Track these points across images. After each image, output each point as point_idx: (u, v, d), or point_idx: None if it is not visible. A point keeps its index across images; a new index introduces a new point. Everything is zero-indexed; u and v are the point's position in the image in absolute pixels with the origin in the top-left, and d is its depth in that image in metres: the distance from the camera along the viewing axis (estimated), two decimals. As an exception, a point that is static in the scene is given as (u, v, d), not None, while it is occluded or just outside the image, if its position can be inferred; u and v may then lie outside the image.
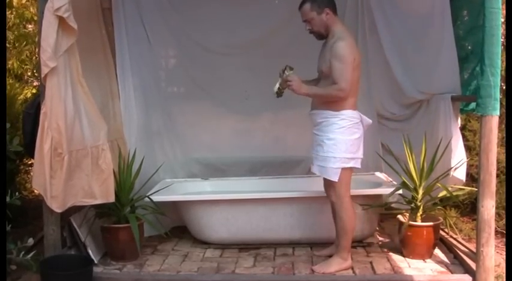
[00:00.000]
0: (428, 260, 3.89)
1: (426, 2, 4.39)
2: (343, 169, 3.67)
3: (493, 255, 3.36)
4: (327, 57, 3.63)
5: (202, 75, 4.94)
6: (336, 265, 3.77)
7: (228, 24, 4.81)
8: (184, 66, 4.94)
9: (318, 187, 4.37)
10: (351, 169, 3.75)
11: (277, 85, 3.69)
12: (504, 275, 3.05)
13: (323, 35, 3.73)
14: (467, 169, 4.33)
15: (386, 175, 4.62)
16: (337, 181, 3.67)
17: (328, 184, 3.78)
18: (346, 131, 3.66)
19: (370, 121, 3.85)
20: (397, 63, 4.65)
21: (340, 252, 3.80)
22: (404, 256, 3.97)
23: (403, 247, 3.98)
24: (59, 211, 3.61)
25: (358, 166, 3.74)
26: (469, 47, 4.34)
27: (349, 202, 3.75)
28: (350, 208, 3.75)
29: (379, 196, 4.27)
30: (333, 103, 3.64)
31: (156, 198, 4.24)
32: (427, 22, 4.36)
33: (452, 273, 3.68)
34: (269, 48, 4.83)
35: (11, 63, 5.65)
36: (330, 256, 3.90)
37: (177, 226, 4.69)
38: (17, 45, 5.82)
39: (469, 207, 4.68)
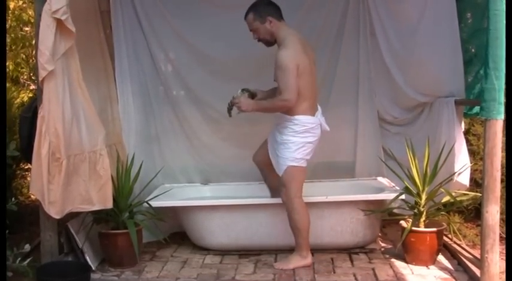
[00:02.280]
0: (431, 267, 3.87)
1: (434, 4, 4.37)
2: (292, 167, 3.87)
3: (498, 261, 3.34)
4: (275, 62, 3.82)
5: (201, 80, 4.92)
6: (295, 262, 3.95)
7: (229, 30, 4.79)
8: (183, 71, 4.93)
9: (318, 192, 4.39)
10: (303, 171, 3.94)
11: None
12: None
13: (271, 42, 3.96)
14: (471, 174, 4.32)
15: (388, 180, 4.61)
16: (281, 175, 3.89)
17: (280, 184, 3.94)
18: (298, 134, 3.88)
19: (328, 128, 4.05)
20: (399, 65, 4.64)
21: (298, 250, 3.96)
22: (407, 263, 3.96)
23: (406, 253, 3.97)
24: (57, 217, 3.60)
25: (304, 165, 3.94)
26: (473, 50, 4.32)
27: (300, 203, 3.90)
28: (301, 208, 3.90)
29: (382, 202, 4.26)
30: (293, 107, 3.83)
31: (154, 203, 4.23)
32: (433, 24, 4.34)
33: (456, 280, 3.66)
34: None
35: (7, 66, 5.64)
36: None
37: (176, 232, 4.68)
38: (13, 48, 5.82)
39: (473, 212, 4.67)
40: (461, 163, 4.15)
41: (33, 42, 4.24)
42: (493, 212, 3.30)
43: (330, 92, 4.90)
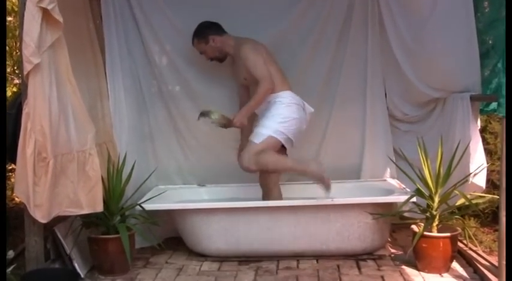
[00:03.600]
0: (445, 275, 3.87)
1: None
2: (271, 137, 4.26)
3: (516, 269, 3.32)
4: (242, 67, 4.37)
5: (198, 74, 4.91)
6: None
7: (229, 21, 4.78)
8: (179, 64, 4.92)
9: (324, 194, 4.38)
10: (278, 145, 4.31)
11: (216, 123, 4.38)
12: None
13: (221, 58, 4.58)
14: (488, 175, 4.27)
15: (398, 182, 4.61)
16: (257, 142, 4.22)
17: (248, 147, 4.29)
18: (286, 107, 4.31)
19: (312, 109, 4.48)
20: (410, 58, 4.62)
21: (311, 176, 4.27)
22: (418, 270, 3.94)
23: (417, 260, 3.96)
24: (43, 221, 3.58)
25: (287, 146, 4.35)
26: (490, 42, 4.29)
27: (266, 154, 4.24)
28: (268, 155, 4.24)
29: (391, 205, 4.25)
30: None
31: (148, 206, 4.22)
32: (447, 14, 4.32)
33: (471, 289, 3.66)
34: (273, 53, 4.81)
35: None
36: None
37: (171, 237, 4.68)
38: (-5, 39, 5.79)
39: (490, 216, 4.66)
40: (477, 163, 4.12)
41: (17, 33, 4.20)
42: (512, 216, 3.28)
43: (337, 89, 4.91)
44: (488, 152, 4.56)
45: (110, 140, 4.46)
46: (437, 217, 3.91)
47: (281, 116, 4.30)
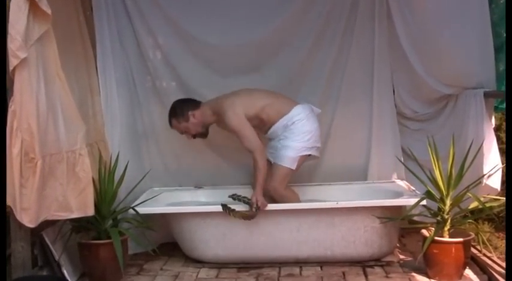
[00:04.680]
0: (457, 282, 3.87)
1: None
2: (300, 157, 4.38)
3: (533, 276, 3.30)
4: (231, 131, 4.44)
5: (194, 70, 4.90)
6: None
7: (226, 13, 4.78)
8: (174, 59, 4.90)
9: (329, 196, 4.39)
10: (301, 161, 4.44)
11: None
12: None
13: (204, 133, 4.60)
14: (503, 176, 4.27)
15: (407, 183, 4.60)
16: (287, 166, 4.36)
17: (274, 175, 4.39)
18: (306, 122, 4.41)
19: (319, 110, 4.58)
20: (419, 52, 4.61)
21: None
22: (429, 278, 3.94)
23: (428, 267, 3.95)
24: (30, 225, 3.56)
25: (316, 154, 4.51)
26: (505, 35, 4.29)
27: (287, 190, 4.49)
28: (289, 193, 4.49)
29: (400, 208, 4.23)
30: (270, 119, 4.42)
31: (142, 210, 4.22)
32: (459, 5, 4.31)
33: (486, 297, 3.65)
34: (272, 44, 4.81)
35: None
36: None
37: (167, 242, 4.68)
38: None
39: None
40: (491, 164, 4.13)
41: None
42: (528, 220, 3.26)
43: (341, 85, 4.90)
44: (503, 152, 4.54)
45: (101, 139, 4.44)
46: (449, 221, 3.90)
47: (305, 133, 4.38)
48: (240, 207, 4.21)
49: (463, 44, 4.32)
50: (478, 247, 4.22)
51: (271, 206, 4.22)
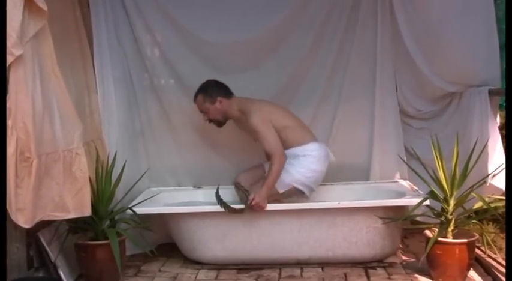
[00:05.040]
0: (461, 284, 3.87)
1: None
2: (293, 187, 4.38)
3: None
4: (252, 132, 4.43)
5: (192, 67, 4.89)
6: None
7: (225, 10, 4.77)
8: (172, 56, 4.90)
9: (330, 196, 4.39)
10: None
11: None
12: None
13: (221, 122, 4.58)
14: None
15: (410, 183, 4.60)
16: (279, 191, 4.33)
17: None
18: (316, 161, 4.41)
19: (334, 158, 4.54)
20: (423, 49, 4.61)
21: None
22: (432, 279, 3.94)
23: (431, 268, 3.95)
24: (26, 226, 3.55)
25: (308, 194, 4.45)
26: (505, 34, 4.28)
27: None
28: None
29: (403, 208, 4.24)
30: (286, 140, 4.37)
31: (140, 210, 4.22)
32: (464, 1, 4.30)
33: (490, 299, 3.65)
34: (271, 41, 4.82)
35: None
36: None
37: (165, 243, 4.69)
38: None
39: (510, 221, 4.64)
40: (496, 163, 4.12)
41: None
42: (534, 221, 3.25)
43: (342, 83, 4.90)
44: (508, 151, 4.55)
45: (98, 138, 4.42)
46: (453, 221, 3.90)
47: (310, 170, 4.38)
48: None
49: (468, 40, 4.31)
50: (483, 248, 4.23)
51: (272, 206, 4.21)
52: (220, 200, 4.21)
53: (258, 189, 4.19)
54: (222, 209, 4.17)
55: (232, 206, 4.19)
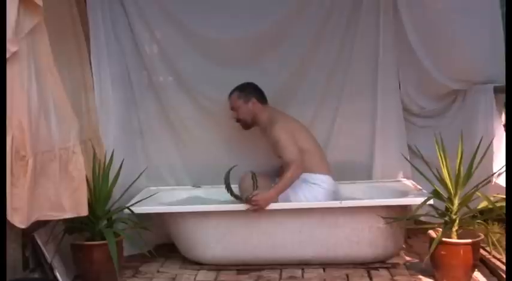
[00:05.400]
0: (466, 285, 3.86)
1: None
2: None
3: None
4: (272, 146, 4.42)
5: (192, 64, 4.90)
6: None
7: (227, 6, 4.78)
8: (171, 53, 4.90)
9: (333, 196, 4.37)
10: None
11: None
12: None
13: (248, 124, 4.61)
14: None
15: (414, 182, 4.60)
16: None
17: None
18: (324, 193, 4.37)
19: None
20: (426, 45, 4.60)
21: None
22: (436, 280, 3.93)
23: (435, 269, 3.94)
24: (22, 226, 3.53)
25: None
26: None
27: None
28: None
29: (406, 208, 4.23)
30: (303, 168, 4.29)
31: (138, 209, 4.22)
32: None
33: (495, 301, 3.64)
34: (272, 37, 4.82)
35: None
36: None
37: (164, 243, 4.68)
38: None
39: (516, 221, 4.63)
40: (502, 162, 4.09)
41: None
42: (541, 220, 3.24)
43: (344, 80, 4.89)
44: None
45: (95, 136, 4.43)
46: (457, 221, 3.89)
47: (315, 199, 4.33)
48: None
49: (473, 36, 4.30)
50: (488, 249, 4.19)
51: (273, 206, 4.21)
52: (227, 183, 4.27)
53: (265, 190, 4.21)
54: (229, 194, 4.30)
55: (236, 194, 4.27)
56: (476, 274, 3.97)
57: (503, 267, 3.97)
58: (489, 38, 4.29)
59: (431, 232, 3.99)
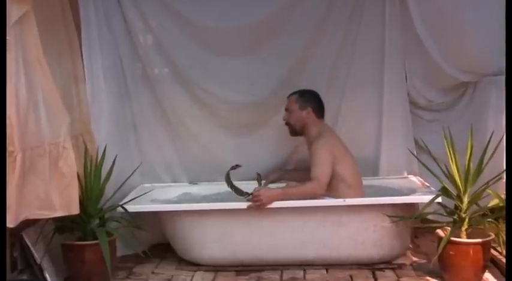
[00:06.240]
0: (476, 287, 3.86)
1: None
2: None
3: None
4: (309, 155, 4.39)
5: (188, 55, 4.89)
6: None
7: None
8: (166, 43, 4.90)
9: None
10: None
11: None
12: None
13: (296, 131, 4.55)
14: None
15: (421, 179, 4.61)
16: None
17: None
18: None
19: None
20: (435, 35, 4.60)
21: None
22: (445, 282, 3.94)
23: (443, 270, 3.94)
24: (10, 225, 3.51)
25: None
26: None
27: None
28: None
29: (413, 206, 4.23)
30: (334, 191, 4.27)
31: (131, 208, 4.21)
32: None
33: (507, 303, 3.62)
34: (271, 26, 4.81)
35: None
36: None
37: (159, 243, 4.69)
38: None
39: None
40: (513, 158, 4.10)
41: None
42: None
43: (348, 72, 4.91)
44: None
45: (87, 131, 4.41)
46: (467, 220, 3.89)
47: None
48: None
49: (483, 26, 4.31)
50: (499, 249, 4.18)
51: (273, 204, 4.19)
52: (229, 181, 4.31)
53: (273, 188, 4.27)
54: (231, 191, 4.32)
55: (240, 189, 4.31)
56: (487, 275, 3.97)
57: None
58: (500, 26, 4.27)
59: (440, 231, 3.99)
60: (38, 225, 3.99)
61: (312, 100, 4.48)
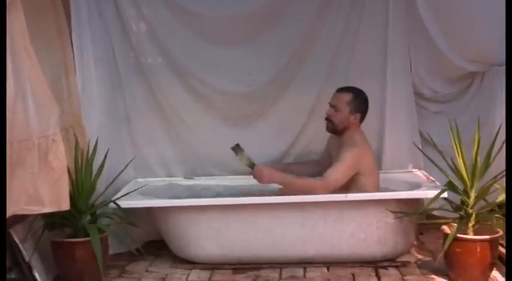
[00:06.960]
0: (483, 286, 3.86)
1: None
2: None
3: None
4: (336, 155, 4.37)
5: (183, 43, 4.89)
6: None
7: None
8: (160, 31, 4.88)
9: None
10: None
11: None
12: None
13: (335, 130, 4.45)
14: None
15: (426, 173, 4.61)
16: None
17: None
18: None
19: None
20: (440, 23, 4.59)
21: None
22: (451, 280, 3.93)
23: (449, 268, 3.94)
24: (-4, 221, 3.53)
25: None
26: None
27: None
28: None
29: (418, 201, 4.23)
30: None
31: (124, 203, 4.21)
32: None
33: (515, 303, 3.63)
34: (268, 14, 4.81)
35: None
36: None
37: (153, 240, 4.70)
38: None
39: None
40: (522, 151, 4.09)
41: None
42: None
43: (350, 62, 4.91)
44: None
45: (77, 123, 4.41)
46: (474, 216, 3.89)
47: None
48: None
49: (490, 14, 4.27)
50: (507, 246, 4.21)
51: (271, 199, 4.24)
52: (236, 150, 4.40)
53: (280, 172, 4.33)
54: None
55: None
56: (495, 274, 3.97)
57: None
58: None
59: (446, 228, 3.98)
60: (27, 221, 4.00)
61: (362, 105, 4.41)
